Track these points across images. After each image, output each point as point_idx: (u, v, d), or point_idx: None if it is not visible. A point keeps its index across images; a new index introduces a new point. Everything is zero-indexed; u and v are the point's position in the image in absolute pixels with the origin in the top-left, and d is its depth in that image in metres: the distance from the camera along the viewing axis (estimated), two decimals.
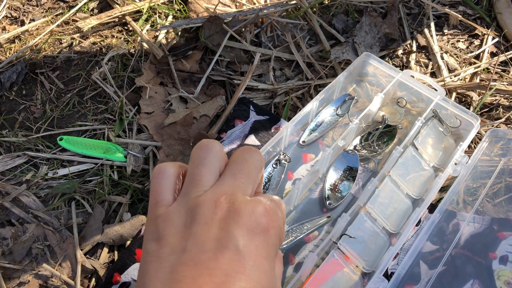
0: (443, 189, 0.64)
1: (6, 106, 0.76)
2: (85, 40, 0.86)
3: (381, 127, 0.68)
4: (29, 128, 0.73)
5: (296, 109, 0.74)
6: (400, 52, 0.84)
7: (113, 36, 0.87)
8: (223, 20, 0.81)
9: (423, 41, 0.86)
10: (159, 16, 0.90)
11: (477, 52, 0.84)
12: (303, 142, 0.68)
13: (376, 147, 0.67)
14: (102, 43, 0.86)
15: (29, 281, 0.56)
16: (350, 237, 0.56)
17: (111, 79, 0.78)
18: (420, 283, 0.54)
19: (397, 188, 0.62)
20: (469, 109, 0.74)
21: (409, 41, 0.85)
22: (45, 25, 0.89)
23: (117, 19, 0.89)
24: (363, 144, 0.68)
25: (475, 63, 0.82)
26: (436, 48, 0.84)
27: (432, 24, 0.89)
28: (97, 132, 0.72)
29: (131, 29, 0.88)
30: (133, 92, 0.77)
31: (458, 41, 0.87)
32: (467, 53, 0.85)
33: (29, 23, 0.89)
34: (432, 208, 0.61)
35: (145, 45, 0.82)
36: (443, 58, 0.83)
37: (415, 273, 0.56)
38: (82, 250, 0.59)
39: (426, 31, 0.87)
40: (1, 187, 0.64)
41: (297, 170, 0.65)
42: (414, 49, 0.84)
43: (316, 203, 0.62)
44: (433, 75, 0.81)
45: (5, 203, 0.63)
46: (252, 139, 0.69)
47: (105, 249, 0.60)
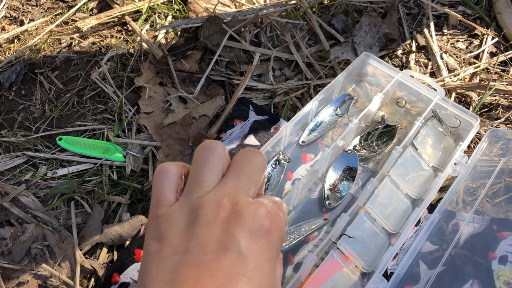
0: (443, 189, 0.64)
1: (5, 106, 0.76)
2: (85, 40, 0.86)
3: (380, 127, 0.68)
4: (28, 128, 0.73)
5: (295, 109, 0.74)
6: (399, 52, 0.84)
7: (113, 36, 0.87)
8: (223, 20, 0.81)
9: (422, 41, 0.86)
10: (158, 16, 0.90)
11: (476, 52, 0.84)
12: (303, 142, 0.68)
13: (375, 147, 0.67)
14: (101, 43, 0.86)
15: (28, 281, 0.56)
16: (349, 237, 0.56)
17: (111, 79, 0.78)
18: (419, 283, 0.54)
19: (396, 188, 0.62)
20: (468, 109, 0.74)
21: (409, 41, 0.85)
22: (44, 25, 0.89)
23: (117, 19, 0.89)
24: (362, 144, 0.68)
25: (474, 63, 0.82)
26: (435, 48, 0.84)
27: (431, 24, 0.89)
28: (96, 132, 0.72)
29: (130, 29, 0.88)
30: (133, 92, 0.77)
31: (457, 41, 0.87)
32: (467, 53, 0.85)
33: (29, 23, 0.88)
34: (431, 208, 0.60)
35: (144, 45, 0.82)
36: (442, 58, 0.83)
37: (415, 273, 0.56)
38: (81, 250, 0.59)
39: (425, 31, 0.87)
40: (0, 187, 0.64)
41: (296, 170, 0.65)
42: (413, 49, 0.84)
43: (315, 203, 0.62)
44: (433, 75, 0.81)
45: (4, 203, 0.63)
46: (251, 139, 0.69)
47: (104, 249, 0.60)
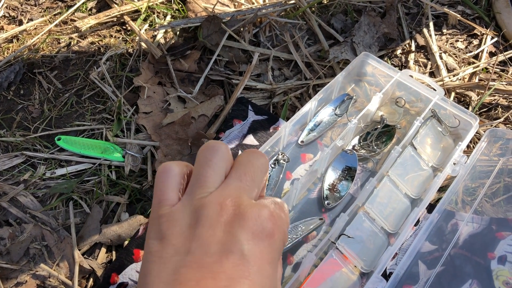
0: (442, 189, 0.64)
1: (4, 106, 0.75)
2: (83, 39, 0.86)
3: (379, 127, 0.68)
4: (27, 128, 0.72)
5: (294, 109, 0.74)
6: (398, 51, 0.84)
7: (111, 35, 0.87)
8: (222, 19, 0.81)
9: (422, 41, 0.86)
10: (157, 15, 0.90)
11: (476, 51, 0.84)
12: (302, 142, 0.67)
13: (374, 147, 0.67)
14: (100, 42, 0.85)
15: (26, 281, 0.56)
16: (348, 237, 0.56)
17: (109, 79, 0.78)
18: (418, 283, 0.54)
19: (395, 188, 0.62)
20: (468, 109, 0.74)
21: (408, 41, 0.85)
22: (43, 24, 0.88)
23: (116, 19, 0.89)
24: (361, 144, 0.68)
25: (474, 63, 0.82)
26: (435, 47, 0.84)
27: (431, 23, 0.88)
28: (95, 132, 0.72)
29: (129, 28, 0.88)
30: (131, 92, 0.77)
31: (457, 40, 0.87)
32: (466, 52, 0.85)
33: (27, 22, 0.88)
34: (430, 208, 0.60)
35: (143, 44, 0.82)
36: (442, 57, 0.83)
37: (414, 273, 0.55)
38: (80, 250, 0.59)
39: (425, 30, 0.87)
40: None
41: (295, 170, 0.65)
42: (413, 48, 0.84)
43: (314, 203, 0.62)
44: (432, 75, 0.81)
45: (2, 203, 0.63)
46: (250, 139, 0.68)
47: (103, 249, 0.60)
